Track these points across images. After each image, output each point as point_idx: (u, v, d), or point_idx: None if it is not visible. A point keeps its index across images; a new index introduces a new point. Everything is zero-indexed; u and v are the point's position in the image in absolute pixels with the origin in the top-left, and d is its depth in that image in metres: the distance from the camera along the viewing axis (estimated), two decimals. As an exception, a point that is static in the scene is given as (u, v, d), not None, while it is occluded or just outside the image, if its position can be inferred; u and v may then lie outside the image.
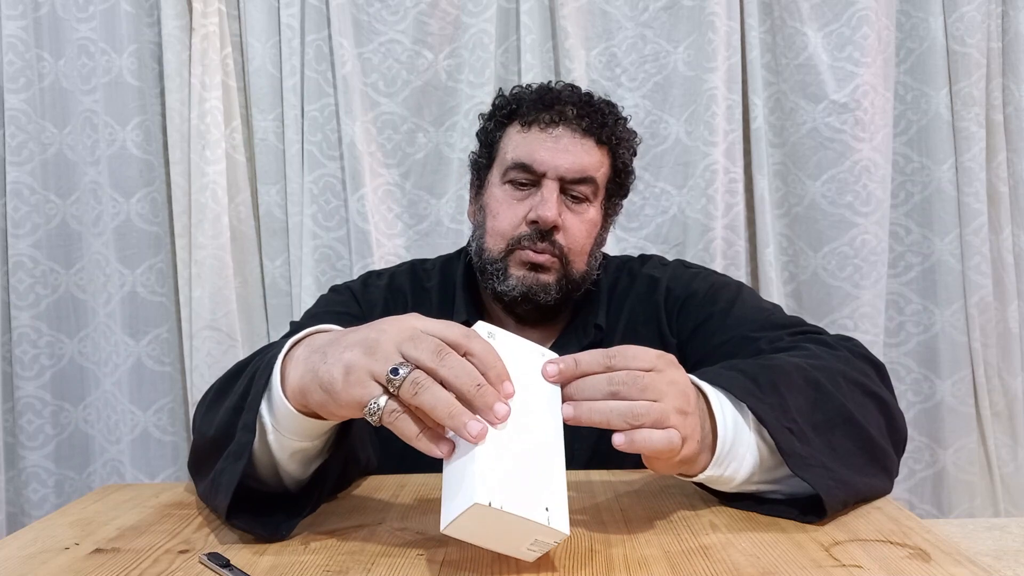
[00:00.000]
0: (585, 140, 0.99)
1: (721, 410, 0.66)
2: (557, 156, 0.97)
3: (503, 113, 1.04)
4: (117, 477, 1.56)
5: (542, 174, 0.98)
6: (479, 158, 1.07)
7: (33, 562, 0.64)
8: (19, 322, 1.56)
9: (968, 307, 1.54)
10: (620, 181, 1.05)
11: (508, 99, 1.04)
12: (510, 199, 1.00)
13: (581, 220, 1.00)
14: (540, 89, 1.03)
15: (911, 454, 1.57)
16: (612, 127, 1.01)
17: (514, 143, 1.01)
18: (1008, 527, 0.88)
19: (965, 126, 1.52)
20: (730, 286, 1.03)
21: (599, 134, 1.00)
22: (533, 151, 0.98)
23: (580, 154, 0.98)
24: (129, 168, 1.54)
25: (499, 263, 0.99)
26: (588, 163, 0.99)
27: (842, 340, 0.86)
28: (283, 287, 1.58)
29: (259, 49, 1.54)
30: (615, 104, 1.05)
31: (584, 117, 0.99)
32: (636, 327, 1.03)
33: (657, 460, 0.62)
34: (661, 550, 0.61)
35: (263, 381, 0.65)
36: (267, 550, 0.65)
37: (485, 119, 1.07)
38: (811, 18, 1.53)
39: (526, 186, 0.99)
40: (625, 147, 1.03)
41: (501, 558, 0.61)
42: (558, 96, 1.01)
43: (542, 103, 1.00)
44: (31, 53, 1.55)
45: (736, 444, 0.67)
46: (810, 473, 0.65)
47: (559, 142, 0.98)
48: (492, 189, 1.03)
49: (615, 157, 1.02)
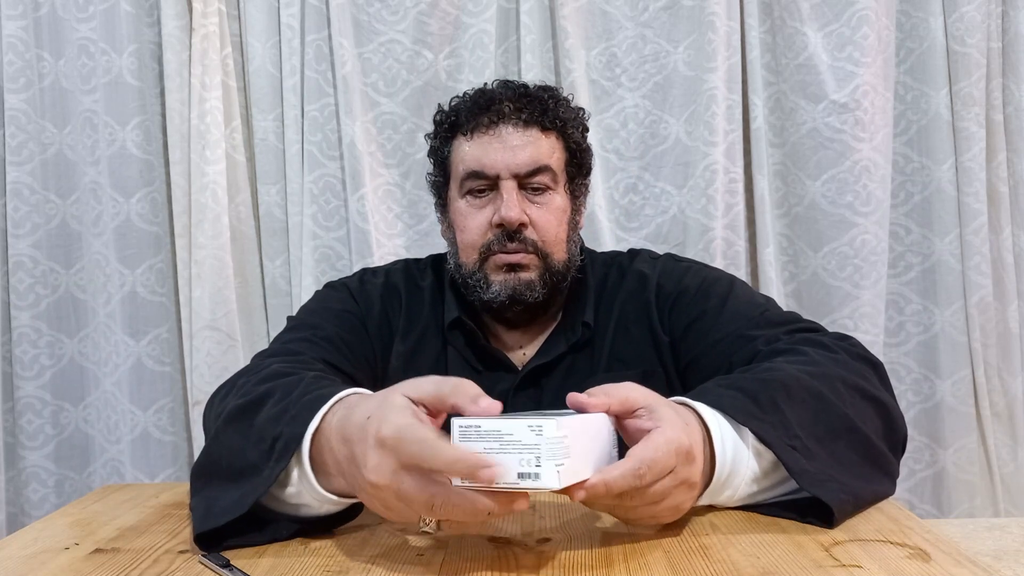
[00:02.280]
0: (529, 131, 0.98)
1: (722, 445, 0.66)
2: (506, 155, 0.96)
3: (445, 128, 1.03)
4: (117, 477, 1.56)
5: (496, 176, 0.97)
6: (435, 177, 1.06)
7: (33, 562, 0.64)
8: (19, 322, 1.56)
9: (968, 307, 1.54)
10: (578, 161, 1.03)
11: (447, 112, 1.03)
12: (472, 210, 0.99)
13: (547, 210, 0.98)
14: (475, 94, 1.02)
15: (911, 454, 1.57)
16: (554, 111, 1.00)
17: (462, 154, 0.99)
18: (1008, 527, 0.88)
19: (965, 126, 1.52)
20: (722, 280, 1.02)
21: (542, 121, 0.99)
22: (481, 156, 0.97)
23: (527, 147, 0.97)
24: (129, 168, 1.54)
25: (477, 273, 0.98)
26: (538, 153, 0.98)
27: (839, 340, 0.85)
28: (283, 287, 1.58)
29: (259, 49, 1.54)
30: (553, 88, 1.04)
31: (522, 110, 0.98)
32: (627, 325, 1.02)
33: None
34: (661, 550, 0.61)
35: (286, 457, 0.65)
36: (267, 550, 0.65)
37: (431, 138, 1.06)
38: (811, 18, 1.53)
39: (484, 191, 0.98)
40: (573, 126, 1.02)
41: (501, 558, 0.61)
42: (492, 96, 1.00)
43: (478, 107, 0.99)
44: (31, 53, 1.55)
45: (732, 475, 0.67)
46: (822, 489, 0.65)
47: (505, 141, 0.97)
48: (454, 204, 1.02)
49: (566, 139, 1.01)
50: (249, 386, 0.76)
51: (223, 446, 0.72)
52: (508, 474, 0.54)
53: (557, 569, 0.58)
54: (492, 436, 0.55)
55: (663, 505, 0.62)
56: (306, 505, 0.67)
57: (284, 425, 0.67)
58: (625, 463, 0.59)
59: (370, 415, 0.59)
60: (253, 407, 0.72)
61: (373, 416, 0.59)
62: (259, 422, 0.69)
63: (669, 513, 0.63)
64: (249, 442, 0.68)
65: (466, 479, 0.55)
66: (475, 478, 0.54)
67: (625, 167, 1.56)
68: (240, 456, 0.69)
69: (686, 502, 0.64)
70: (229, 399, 0.78)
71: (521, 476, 0.54)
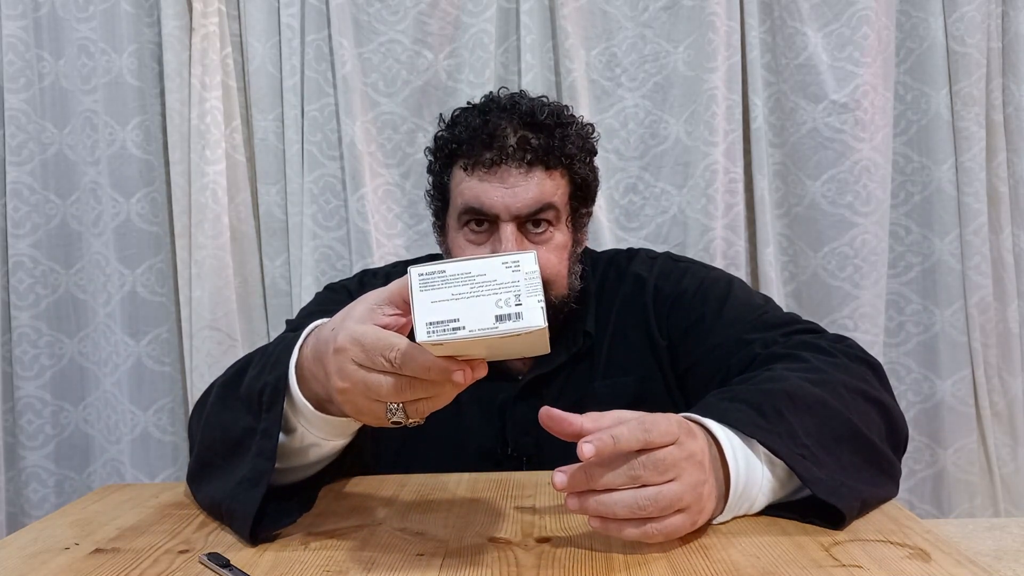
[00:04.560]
0: (533, 173, 0.93)
1: (733, 455, 0.65)
2: (506, 197, 0.92)
3: (444, 154, 0.98)
4: (117, 477, 1.56)
5: (495, 216, 0.93)
6: (434, 200, 1.02)
7: (33, 562, 0.64)
8: (19, 322, 1.56)
9: (968, 307, 1.54)
10: (583, 193, 0.99)
11: (447, 139, 0.98)
12: (470, 244, 0.96)
13: (548, 249, 0.95)
14: (475, 125, 0.95)
15: (911, 454, 1.57)
16: (561, 146, 0.94)
17: (461, 187, 0.95)
18: (1008, 527, 0.89)
19: (965, 126, 1.52)
20: (720, 282, 1.00)
21: (547, 161, 0.93)
22: (481, 194, 0.93)
23: (530, 188, 0.92)
24: (129, 168, 1.54)
25: None
26: (540, 194, 0.93)
27: (837, 342, 0.85)
28: (283, 287, 1.58)
29: (259, 49, 1.54)
30: (561, 112, 0.97)
31: (527, 150, 0.92)
32: (625, 331, 1.01)
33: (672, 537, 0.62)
34: (661, 550, 0.61)
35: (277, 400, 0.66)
36: (267, 550, 0.65)
37: (430, 156, 1.02)
38: (811, 18, 1.53)
39: (483, 223, 0.95)
40: (580, 160, 0.97)
41: (501, 558, 0.61)
42: (495, 129, 0.93)
43: (480, 142, 0.93)
44: (31, 53, 1.55)
45: (748, 486, 0.66)
46: (836, 496, 0.65)
47: (505, 181, 0.92)
48: (452, 234, 0.99)
49: (572, 174, 0.97)
50: (229, 371, 0.79)
51: (216, 427, 0.73)
52: (484, 318, 0.49)
53: (557, 569, 0.58)
54: (460, 280, 0.50)
55: (682, 483, 0.59)
56: (314, 445, 0.68)
57: (267, 376, 0.68)
58: (627, 420, 0.58)
59: (333, 327, 0.62)
60: (235, 380, 0.74)
61: (336, 327, 0.61)
62: (243, 388, 0.71)
63: (690, 493, 0.59)
64: (239, 410, 0.69)
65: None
66: (450, 380, 0.54)
67: (625, 167, 1.56)
68: (234, 426, 0.69)
69: (702, 484, 0.61)
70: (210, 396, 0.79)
71: (500, 319, 0.49)
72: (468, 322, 0.48)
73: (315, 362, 0.64)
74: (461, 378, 0.55)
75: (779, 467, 0.68)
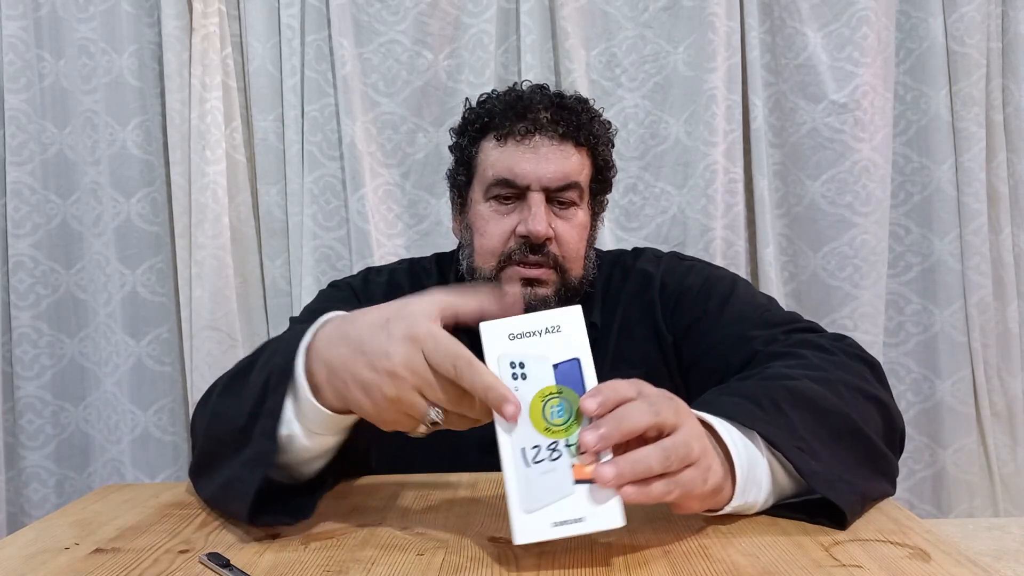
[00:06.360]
0: (564, 145, 0.96)
1: (731, 439, 0.64)
2: (539, 167, 0.95)
3: (475, 128, 1.00)
4: (117, 477, 1.56)
5: (526, 187, 0.95)
6: (458, 175, 1.04)
7: (33, 562, 0.64)
8: (19, 322, 1.56)
9: (968, 307, 1.54)
10: (603, 178, 1.02)
11: (479, 112, 1.00)
12: (496, 215, 0.97)
13: (571, 226, 0.97)
14: (510, 98, 0.99)
15: (911, 454, 1.57)
16: (588, 126, 0.98)
17: (492, 158, 0.97)
18: (1008, 527, 0.89)
19: (965, 126, 1.52)
20: (724, 280, 1.01)
21: (576, 136, 0.97)
22: (513, 165, 0.95)
23: (561, 161, 0.95)
24: (129, 168, 1.55)
25: (492, 280, 0.96)
26: (570, 168, 0.96)
27: (836, 340, 0.85)
28: (283, 287, 1.58)
29: (259, 49, 1.54)
30: (587, 99, 1.02)
31: (559, 122, 0.96)
32: (631, 325, 1.01)
33: (689, 497, 0.60)
34: (661, 550, 0.61)
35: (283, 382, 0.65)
36: (267, 550, 0.65)
37: (457, 134, 1.03)
38: (811, 18, 1.53)
39: (510, 199, 0.97)
40: (603, 144, 1.01)
41: (501, 558, 0.61)
42: (529, 103, 0.97)
43: (514, 113, 0.96)
44: (31, 53, 1.55)
45: (753, 467, 0.66)
46: (832, 490, 0.65)
47: (538, 152, 0.95)
48: (476, 207, 1.00)
49: (595, 155, 1.00)
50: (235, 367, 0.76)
51: (220, 417, 0.71)
52: None
53: (557, 569, 0.58)
54: None
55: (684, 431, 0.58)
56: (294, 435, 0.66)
57: (276, 359, 0.67)
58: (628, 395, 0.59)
59: (389, 318, 0.61)
60: (243, 372, 0.72)
61: (393, 318, 0.61)
62: (251, 377, 0.69)
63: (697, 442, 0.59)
64: (245, 398, 0.68)
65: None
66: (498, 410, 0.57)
67: (625, 167, 1.56)
68: (239, 414, 0.68)
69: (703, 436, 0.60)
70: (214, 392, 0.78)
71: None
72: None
73: (340, 344, 0.63)
74: (512, 411, 0.57)
75: (779, 466, 0.68)
